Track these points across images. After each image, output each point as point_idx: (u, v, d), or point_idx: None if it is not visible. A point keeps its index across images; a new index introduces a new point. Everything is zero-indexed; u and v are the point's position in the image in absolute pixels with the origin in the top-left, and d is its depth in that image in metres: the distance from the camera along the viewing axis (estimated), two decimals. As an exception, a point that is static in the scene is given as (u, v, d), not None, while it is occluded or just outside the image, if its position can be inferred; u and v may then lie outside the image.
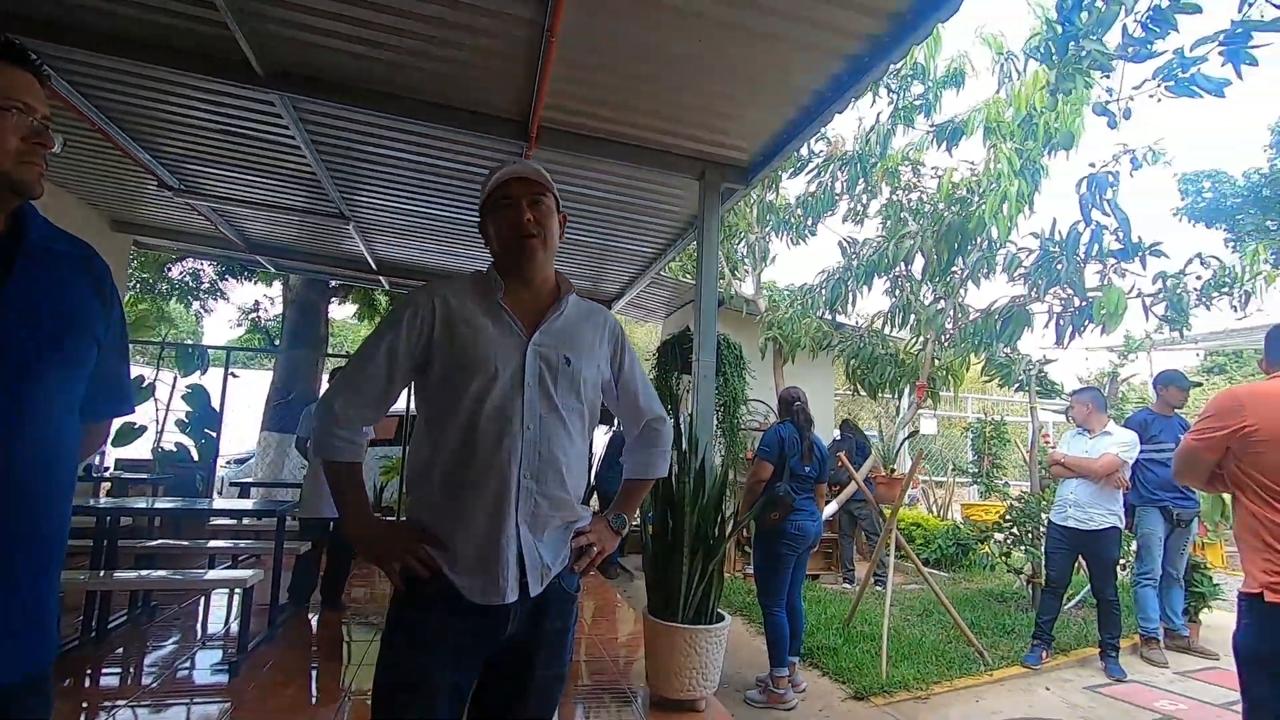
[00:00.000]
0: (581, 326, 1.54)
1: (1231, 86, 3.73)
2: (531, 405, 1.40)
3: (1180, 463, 2.27)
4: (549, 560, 1.41)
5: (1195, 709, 3.85)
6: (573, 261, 6.86)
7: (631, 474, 1.71)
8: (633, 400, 1.65)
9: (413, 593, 1.38)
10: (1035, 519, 5.75)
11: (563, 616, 1.46)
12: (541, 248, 1.47)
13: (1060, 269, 4.57)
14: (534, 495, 1.38)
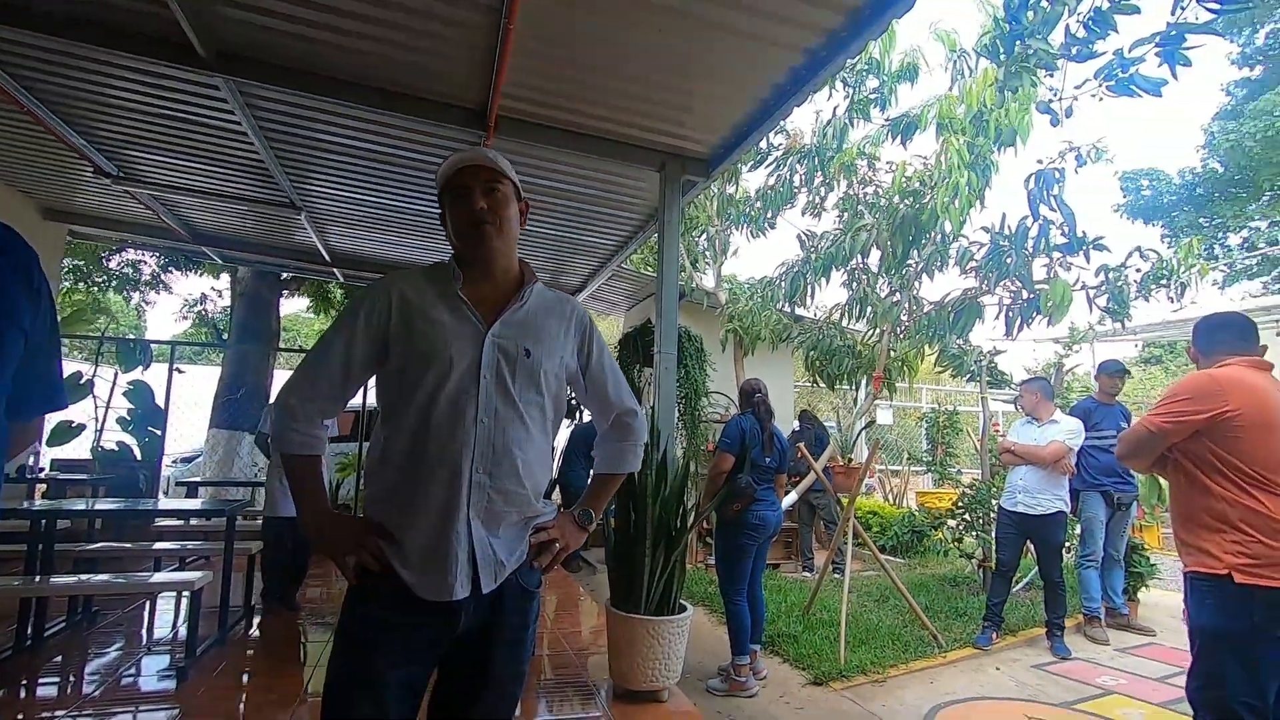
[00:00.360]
0: (545, 317, 1.51)
1: (1168, 86, 3.90)
2: (487, 398, 1.37)
3: (1136, 444, 2.30)
4: (504, 556, 1.38)
5: (1134, 683, 4.03)
6: (534, 254, 6.78)
7: (601, 468, 1.68)
8: (602, 393, 1.62)
9: (364, 588, 1.35)
10: (986, 505, 5.93)
11: (521, 613, 1.43)
12: (496, 235, 1.44)
13: (1009, 262, 4.71)
14: (487, 490, 1.36)
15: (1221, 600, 2.09)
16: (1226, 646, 2.08)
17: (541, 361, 1.44)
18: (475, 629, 1.38)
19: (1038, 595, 5.23)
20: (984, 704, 3.66)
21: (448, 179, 1.47)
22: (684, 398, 6.31)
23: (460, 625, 1.35)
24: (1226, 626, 2.09)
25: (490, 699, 1.41)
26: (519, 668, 1.45)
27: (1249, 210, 16.37)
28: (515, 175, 1.53)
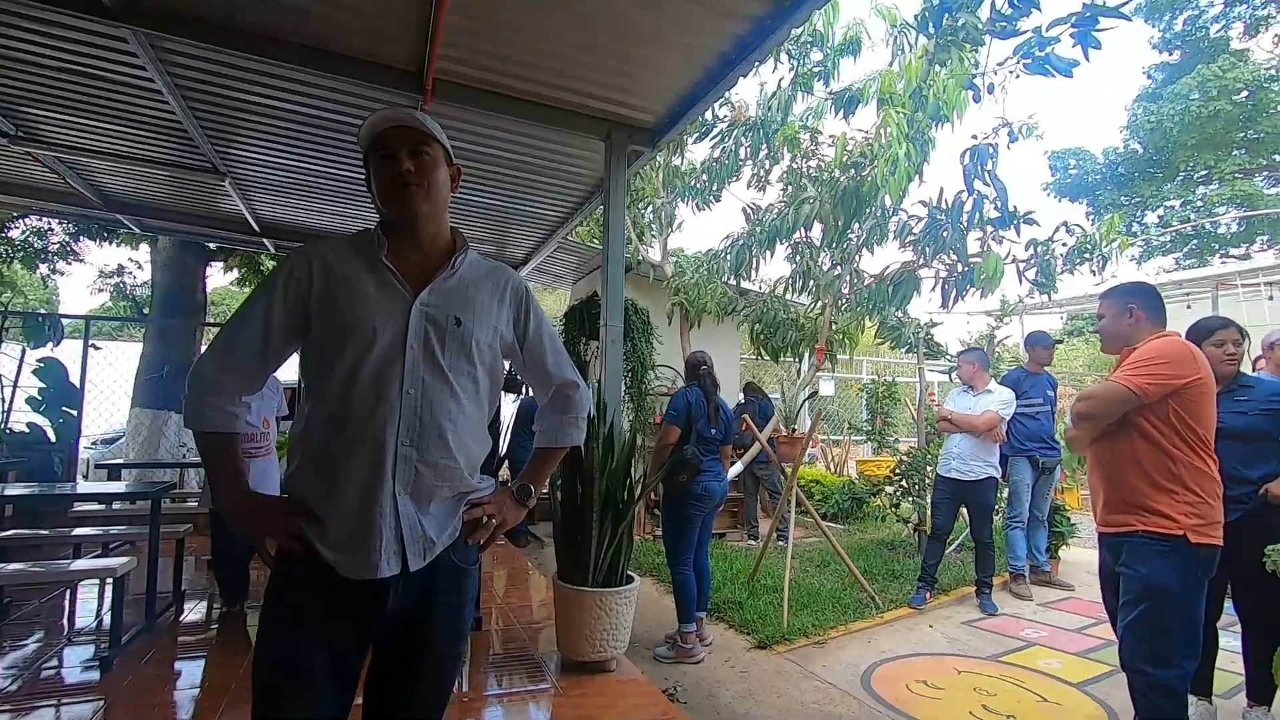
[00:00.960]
0: (478, 286, 1.45)
1: (1090, 68, 4.04)
2: (414, 369, 1.32)
3: (1112, 402, 2.31)
4: (433, 533, 1.34)
5: (1055, 634, 4.29)
6: (476, 225, 6.61)
7: (542, 442, 1.64)
8: (540, 365, 1.58)
9: (286, 570, 1.30)
10: (922, 472, 6.17)
11: (457, 591, 1.40)
12: (423, 199, 1.38)
13: (946, 236, 4.84)
14: (414, 464, 1.31)
15: (1178, 560, 2.21)
16: (1175, 604, 2.21)
17: (473, 331, 1.39)
18: (408, 609, 1.34)
19: (968, 556, 5.49)
20: (917, 660, 3.83)
21: (372, 140, 1.40)
22: (630, 371, 6.31)
23: (389, 605, 1.31)
24: (1181, 585, 2.21)
25: (427, 679, 1.38)
26: (456, 648, 1.41)
27: (1165, 190, 17.28)
28: (446, 138, 1.47)
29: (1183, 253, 17.38)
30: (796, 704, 3.22)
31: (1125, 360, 2.41)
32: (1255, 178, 16.47)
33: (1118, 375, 2.34)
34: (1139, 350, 2.36)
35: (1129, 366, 2.33)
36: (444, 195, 1.44)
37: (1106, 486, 2.41)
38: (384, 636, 1.35)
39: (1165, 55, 17.42)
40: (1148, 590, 2.24)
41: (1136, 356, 2.34)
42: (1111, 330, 2.51)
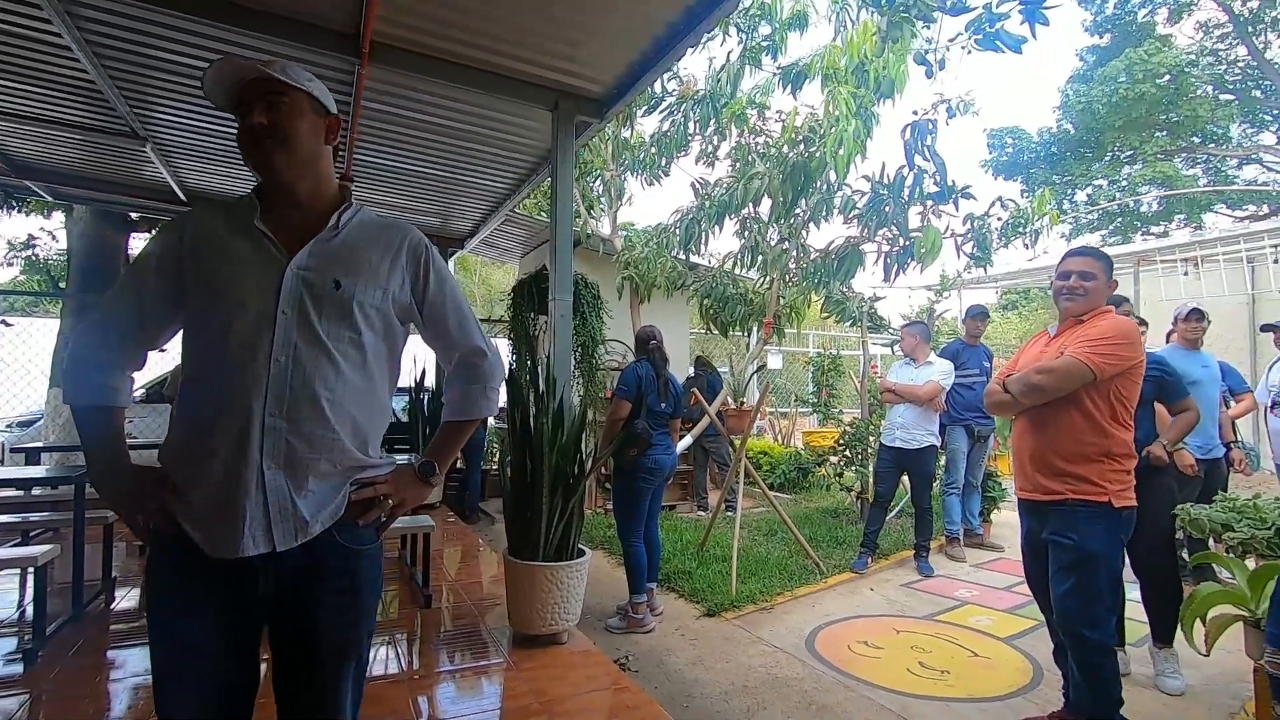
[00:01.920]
0: (366, 246, 1.36)
1: (1030, 45, 4.15)
2: (285, 335, 1.24)
3: (1069, 376, 2.34)
4: (307, 511, 1.25)
5: (986, 593, 4.52)
6: (419, 196, 6.42)
7: (448, 415, 1.53)
8: (442, 330, 1.47)
9: (158, 550, 1.26)
10: (865, 442, 6.37)
11: (347, 575, 1.31)
12: (280, 152, 1.29)
13: (888, 211, 4.95)
14: (284, 435, 1.23)
15: (1106, 524, 2.34)
16: (1106, 567, 2.34)
17: (354, 294, 1.30)
18: (290, 594, 1.27)
19: (907, 522, 5.71)
20: (859, 621, 3.99)
21: (227, 99, 1.30)
22: (580, 345, 6.27)
23: (261, 587, 1.24)
24: (1109, 548, 2.34)
25: (322, 670, 1.30)
26: (347, 633, 1.32)
27: (1093, 169, 18.01)
28: (316, 85, 1.35)
29: (1108, 230, 18.22)
30: (744, 668, 3.32)
31: (1076, 332, 2.44)
32: (1175, 159, 17.33)
33: (1078, 351, 2.34)
34: (1099, 327, 2.39)
35: (1088, 343, 2.34)
36: (311, 147, 1.33)
37: (1035, 454, 2.48)
38: (271, 622, 1.29)
39: (1096, 38, 18.05)
40: (1082, 557, 2.34)
41: (1097, 335, 2.36)
42: (1099, 293, 2.51)
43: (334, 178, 1.41)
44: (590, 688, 2.86)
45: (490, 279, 22.91)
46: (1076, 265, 2.54)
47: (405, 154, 5.30)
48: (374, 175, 5.81)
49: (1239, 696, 2.94)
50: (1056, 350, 2.46)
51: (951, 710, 2.91)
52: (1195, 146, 16.98)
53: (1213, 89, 16.46)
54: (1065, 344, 2.45)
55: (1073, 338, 2.45)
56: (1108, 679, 2.36)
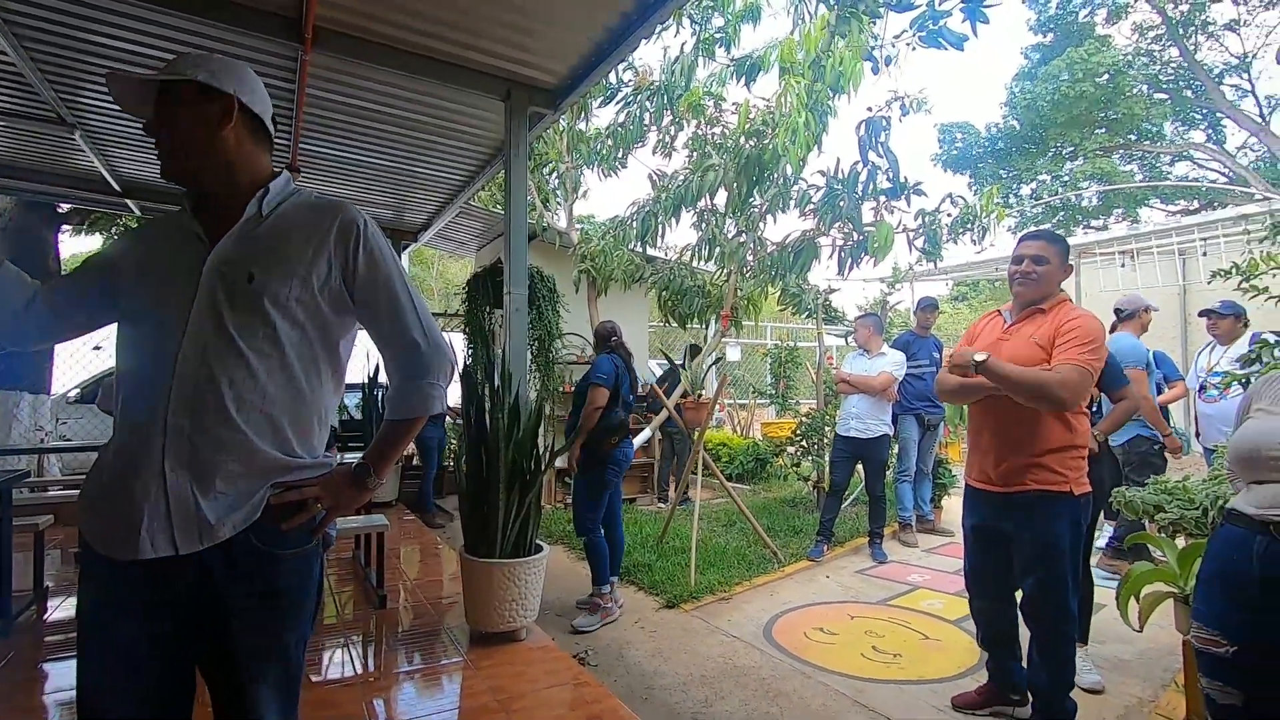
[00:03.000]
0: (290, 233, 1.28)
1: (974, 43, 4.25)
2: (195, 331, 1.19)
3: (1083, 383, 2.31)
4: (213, 515, 1.18)
5: (937, 577, 4.65)
6: (371, 188, 6.26)
7: (391, 414, 1.42)
8: (376, 319, 1.36)
9: (85, 546, 1.25)
10: (821, 432, 6.47)
11: (264, 579, 1.24)
12: (178, 153, 1.29)
13: (842, 205, 5.02)
14: (188, 436, 1.17)
15: (1069, 511, 2.40)
16: (1071, 554, 2.40)
17: (268, 286, 1.22)
18: (207, 599, 1.21)
19: (862, 510, 5.83)
20: (815, 609, 4.06)
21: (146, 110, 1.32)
22: (537, 339, 6.21)
23: (182, 589, 1.20)
24: (1073, 535, 2.41)
25: (236, 671, 1.24)
26: (265, 639, 1.25)
27: (1038, 164, 18.61)
28: (199, 70, 1.27)
29: (1052, 223, 18.85)
30: (703, 658, 3.34)
31: (1045, 325, 2.44)
32: (1113, 155, 18.02)
33: (1079, 361, 2.30)
34: (1082, 328, 2.36)
35: (1084, 349, 2.31)
36: (203, 135, 1.26)
37: (999, 447, 2.48)
38: (196, 627, 1.23)
39: (1040, 37, 18.60)
40: (1048, 549, 2.39)
41: (1086, 338, 2.33)
42: (1052, 278, 2.53)
43: (259, 162, 1.34)
44: (549, 683, 2.85)
45: (448, 272, 22.56)
46: (1030, 249, 2.54)
47: (354, 144, 5.15)
48: (322, 165, 5.64)
49: (1170, 669, 3.09)
50: (1028, 341, 2.45)
51: (903, 692, 2.99)
52: (1132, 144, 17.67)
53: (1148, 88, 17.14)
54: (1037, 337, 2.44)
55: (1046, 332, 2.43)
56: (1066, 663, 2.46)
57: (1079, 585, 2.51)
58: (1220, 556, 1.63)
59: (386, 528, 3.91)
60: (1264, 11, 16.37)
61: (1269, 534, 1.50)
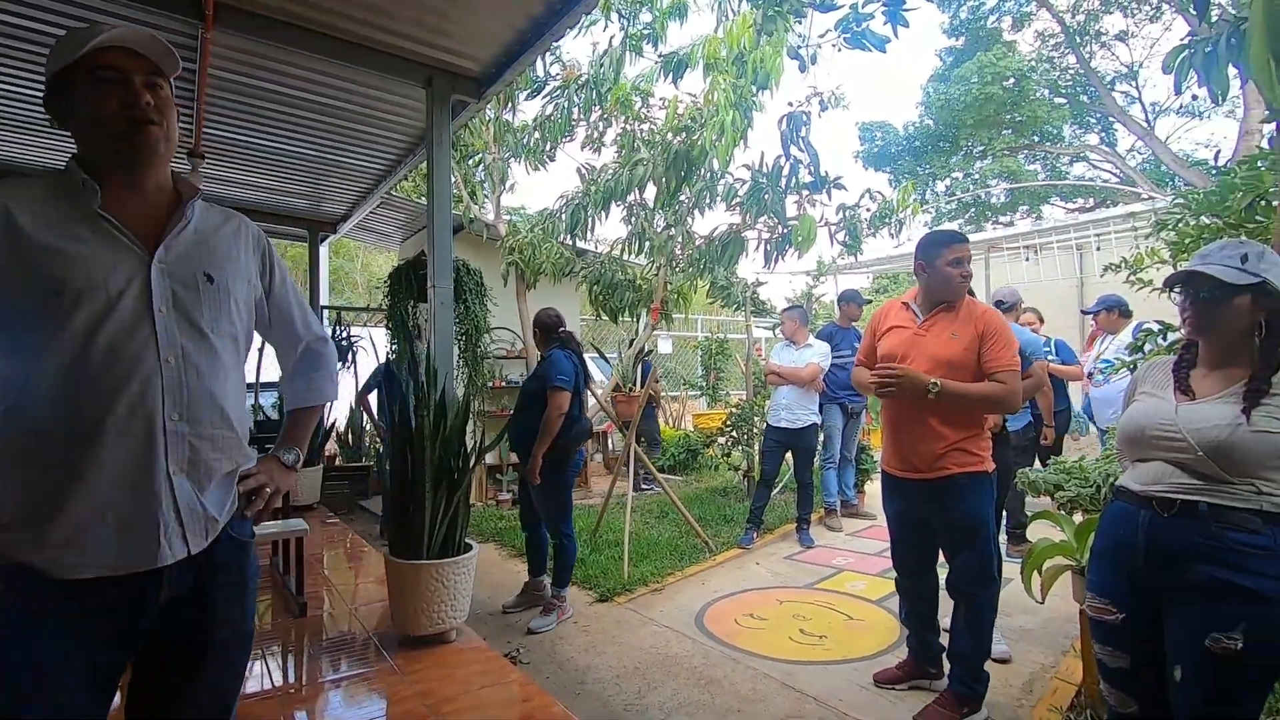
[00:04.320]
0: (219, 237, 1.32)
1: (895, 45, 4.40)
2: (169, 334, 1.18)
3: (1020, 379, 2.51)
4: (215, 511, 1.25)
5: (860, 560, 4.83)
6: (285, 177, 5.96)
7: (300, 403, 1.59)
8: (289, 320, 1.49)
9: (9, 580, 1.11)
10: (750, 422, 6.60)
11: (240, 569, 1.32)
12: (164, 142, 1.22)
13: (767, 199, 5.12)
14: (188, 439, 1.19)
15: (985, 487, 2.55)
16: (990, 527, 2.57)
17: (229, 288, 1.29)
18: (184, 595, 1.22)
19: (790, 497, 6.00)
20: (745, 595, 4.14)
21: (88, 56, 1.15)
22: (465, 334, 6.07)
23: (163, 594, 1.19)
24: (990, 509, 2.58)
25: (214, 669, 1.27)
26: (243, 627, 1.32)
27: (951, 163, 19.53)
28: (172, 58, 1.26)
29: (964, 219, 19.85)
30: (636, 650, 3.36)
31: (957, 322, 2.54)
32: (1019, 155, 19.10)
33: (1010, 363, 2.46)
34: (1005, 332, 2.49)
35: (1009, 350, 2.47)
36: (172, 120, 1.26)
37: (921, 437, 2.57)
38: (156, 630, 1.21)
39: (953, 40, 19.49)
40: (974, 526, 2.54)
41: (1007, 339, 2.48)
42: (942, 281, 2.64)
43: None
44: (480, 684, 2.80)
45: (372, 265, 21.79)
46: (967, 253, 2.65)
47: (265, 130, 4.88)
48: (229, 152, 5.32)
49: (1070, 636, 3.32)
50: (947, 339, 2.54)
51: (828, 672, 3.09)
52: (1035, 144, 18.76)
53: (1049, 93, 18.22)
54: (955, 333, 2.54)
55: (964, 329, 2.53)
56: (989, 629, 2.63)
57: (998, 559, 2.67)
58: (1109, 531, 1.75)
59: (306, 532, 3.75)
60: (1149, 24, 17.69)
61: (1151, 508, 1.62)
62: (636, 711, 2.78)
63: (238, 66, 3.92)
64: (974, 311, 2.59)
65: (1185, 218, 2.89)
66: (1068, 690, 2.79)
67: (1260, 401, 1.51)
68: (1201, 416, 1.57)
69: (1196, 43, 2.02)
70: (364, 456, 7.37)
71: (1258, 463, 1.48)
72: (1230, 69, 2.04)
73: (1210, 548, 1.51)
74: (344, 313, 7.96)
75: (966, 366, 2.51)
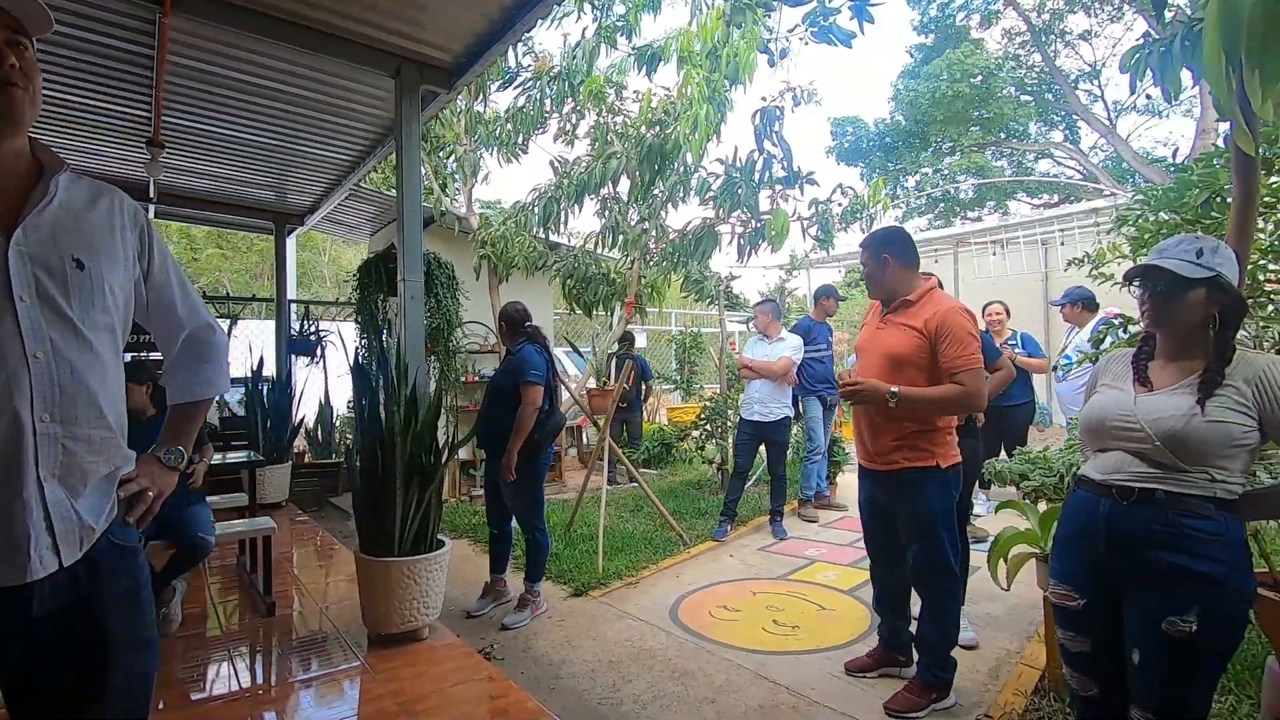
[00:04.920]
0: (90, 217, 1.18)
1: (862, 40, 4.44)
2: (34, 327, 1.06)
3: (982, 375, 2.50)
4: (91, 518, 1.14)
5: (832, 550, 4.89)
6: (249, 167, 5.82)
7: (186, 396, 1.43)
8: (171, 306, 1.34)
9: None
10: (724, 415, 6.64)
11: (130, 575, 1.22)
12: (28, 104, 1.11)
13: (741, 193, 5.14)
14: (60, 441, 1.09)
15: (938, 484, 2.58)
16: (944, 522, 2.59)
17: (103, 274, 1.16)
18: (69, 608, 1.13)
19: (763, 489, 6.04)
20: (719, 587, 4.17)
21: None
22: (435, 328, 6.00)
23: (36, 609, 1.09)
24: (944, 504, 2.59)
25: (115, 683, 1.17)
26: (143, 634, 1.23)
27: (921, 158, 19.79)
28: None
29: (933, 214, 20.16)
30: (610, 644, 3.37)
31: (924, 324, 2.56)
32: (986, 152, 19.44)
33: (968, 361, 2.45)
34: (959, 331, 2.48)
35: (965, 347, 2.46)
36: (37, 83, 1.15)
37: (875, 428, 2.66)
38: (40, 648, 1.12)
39: (923, 37, 19.73)
40: (924, 520, 2.59)
41: (963, 338, 2.47)
42: (873, 277, 2.74)
43: None
44: (453, 681, 2.78)
45: (342, 258, 21.42)
46: (861, 258, 2.77)
47: (229, 119, 4.75)
48: (191, 141, 5.18)
49: (1034, 622, 3.40)
50: (901, 330, 2.60)
51: (800, 662, 3.13)
52: (1001, 141, 19.09)
53: (1015, 91, 18.56)
54: (910, 322, 2.60)
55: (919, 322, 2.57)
56: (948, 620, 2.67)
57: (960, 547, 2.70)
58: (1071, 519, 1.79)
59: (273, 530, 3.69)
60: (1111, 24, 18.09)
61: (1112, 497, 1.66)
62: (612, 705, 2.79)
63: (198, 53, 3.81)
64: (931, 308, 2.60)
65: (1145, 213, 2.97)
66: (1032, 674, 2.86)
67: (1214, 392, 1.55)
68: (1158, 407, 1.61)
69: (1152, 43, 2.07)
70: (334, 453, 7.26)
71: (1211, 451, 1.53)
72: (1184, 70, 2.09)
73: (1167, 534, 1.56)
74: (312, 307, 7.81)
75: (916, 363, 2.55)
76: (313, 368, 7.31)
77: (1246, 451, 1.54)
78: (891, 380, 2.54)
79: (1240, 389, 1.54)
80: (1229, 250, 1.65)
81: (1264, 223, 2.63)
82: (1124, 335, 2.95)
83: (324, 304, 8.92)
